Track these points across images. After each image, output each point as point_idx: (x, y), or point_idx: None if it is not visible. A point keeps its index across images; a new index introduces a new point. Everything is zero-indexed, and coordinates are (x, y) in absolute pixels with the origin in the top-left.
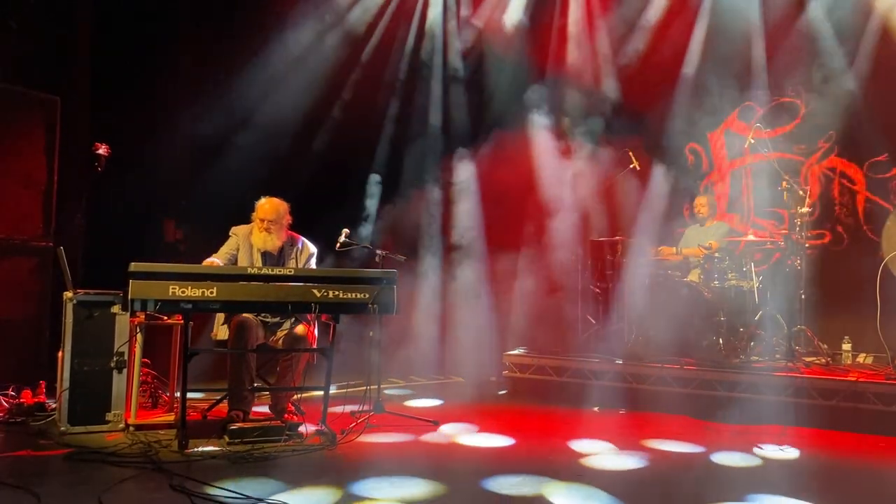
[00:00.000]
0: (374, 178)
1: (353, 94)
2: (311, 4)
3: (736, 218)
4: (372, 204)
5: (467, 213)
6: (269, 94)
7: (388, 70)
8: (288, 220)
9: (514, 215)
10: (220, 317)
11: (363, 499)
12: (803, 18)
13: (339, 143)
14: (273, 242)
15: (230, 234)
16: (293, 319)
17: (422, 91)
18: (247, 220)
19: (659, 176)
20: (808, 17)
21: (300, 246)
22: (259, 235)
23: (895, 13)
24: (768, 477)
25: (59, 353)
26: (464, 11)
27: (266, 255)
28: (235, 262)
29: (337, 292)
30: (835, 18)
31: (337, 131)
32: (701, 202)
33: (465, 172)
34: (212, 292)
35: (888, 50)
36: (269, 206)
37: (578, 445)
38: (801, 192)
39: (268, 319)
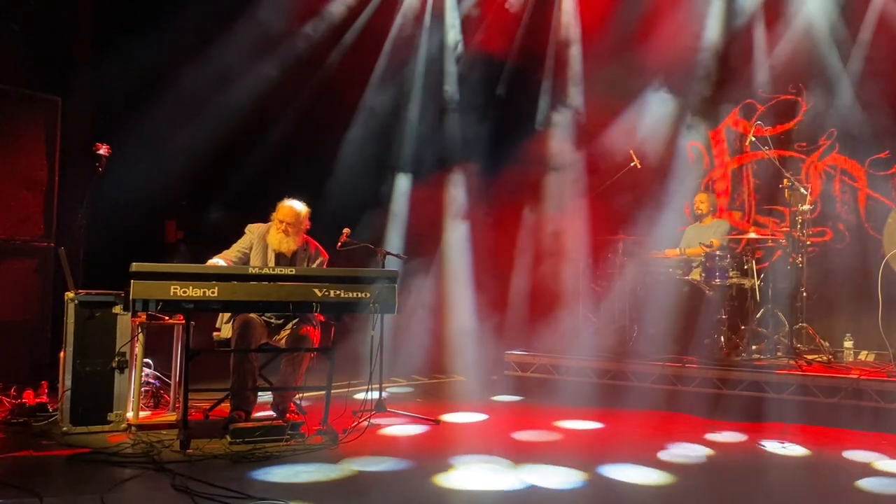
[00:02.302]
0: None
1: (369, 93)
2: (321, 5)
3: (737, 216)
4: (399, 201)
5: (469, 211)
6: (274, 95)
7: (411, 69)
8: (307, 225)
9: (516, 214)
10: (224, 316)
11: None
12: (803, 15)
13: (349, 144)
14: (289, 245)
15: (245, 230)
16: (296, 320)
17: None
18: (250, 221)
19: (660, 174)
20: (807, 13)
21: (313, 252)
22: (276, 236)
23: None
24: None
25: (61, 354)
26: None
27: (280, 257)
28: (247, 260)
29: (338, 292)
30: (834, 14)
31: (345, 131)
32: (700, 199)
33: (469, 174)
34: (213, 292)
35: (887, 44)
36: (289, 209)
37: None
38: (802, 190)
39: (272, 320)
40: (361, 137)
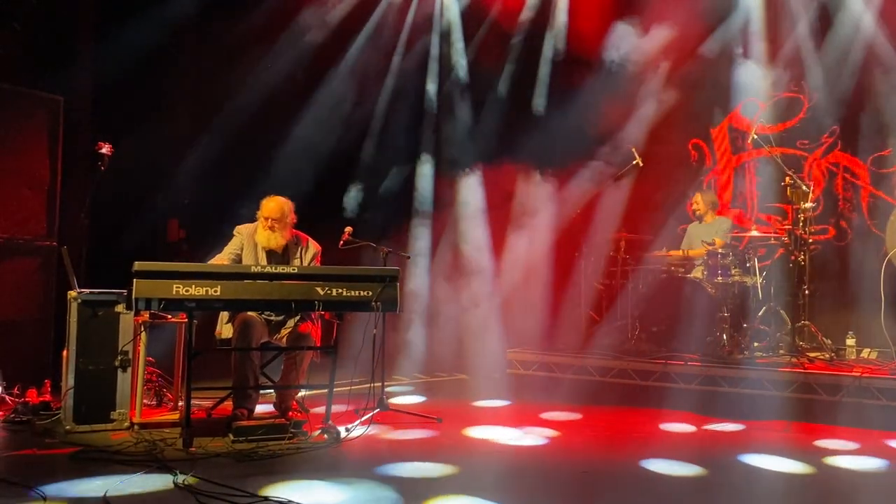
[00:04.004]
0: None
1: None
2: (319, 6)
3: (739, 213)
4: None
5: (471, 209)
6: (275, 93)
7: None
8: (292, 218)
9: (517, 213)
10: (224, 315)
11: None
12: (805, 12)
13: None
14: (277, 241)
15: (234, 233)
16: (297, 318)
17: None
18: (250, 219)
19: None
20: (809, 10)
21: (304, 245)
22: (264, 234)
23: None
24: None
25: (64, 353)
26: None
27: (271, 254)
28: (240, 262)
29: (340, 290)
30: (835, 11)
31: (345, 129)
32: (696, 200)
33: (472, 172)
34: (216, 291)
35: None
36: (273, 205)
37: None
38: (804, 188)
39: (271, 318)
40: (372, 135)
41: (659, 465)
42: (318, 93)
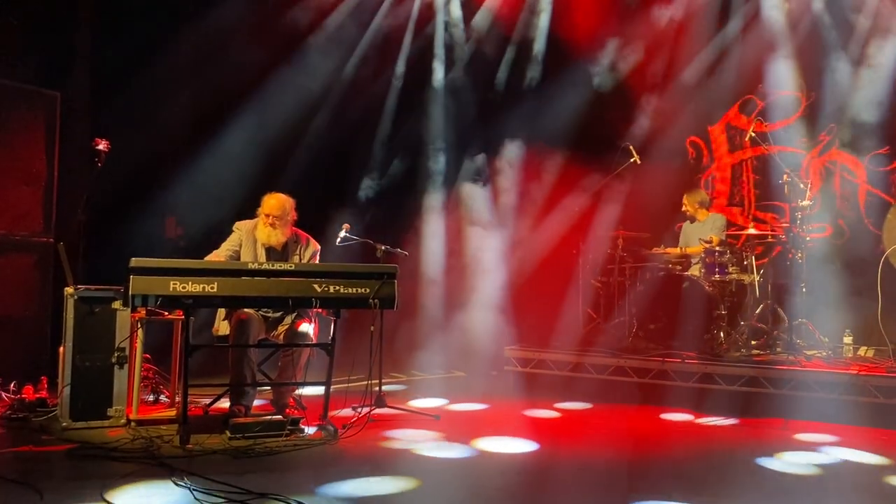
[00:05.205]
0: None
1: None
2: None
3: (737, 211)
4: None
5: (471, 208)
6: (272, 90)
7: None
8: (293, 216)
9: (515, 209)
10: (222, 312)
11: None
12: (804, 11)
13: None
14: (277, 238)
15: (233, 228)
16: (294, 315)
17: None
18: (248, 216)
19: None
20: (808, 9)
21: (304, 243)
22: (264, 230)
23: None
24: None
25: (61, 349)
26: None
27: (270, 251)
28: (238, 258)
29: (338, 287)
30: (834, 10)
31: (342, 129)
32: (684, 202)
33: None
34: (212, 287)
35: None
36: (274, 202)
37: None
38: (802, 186)
39: (269, 315)
40: (378, 128)
41: (656, 462)
42: (319, 89)
